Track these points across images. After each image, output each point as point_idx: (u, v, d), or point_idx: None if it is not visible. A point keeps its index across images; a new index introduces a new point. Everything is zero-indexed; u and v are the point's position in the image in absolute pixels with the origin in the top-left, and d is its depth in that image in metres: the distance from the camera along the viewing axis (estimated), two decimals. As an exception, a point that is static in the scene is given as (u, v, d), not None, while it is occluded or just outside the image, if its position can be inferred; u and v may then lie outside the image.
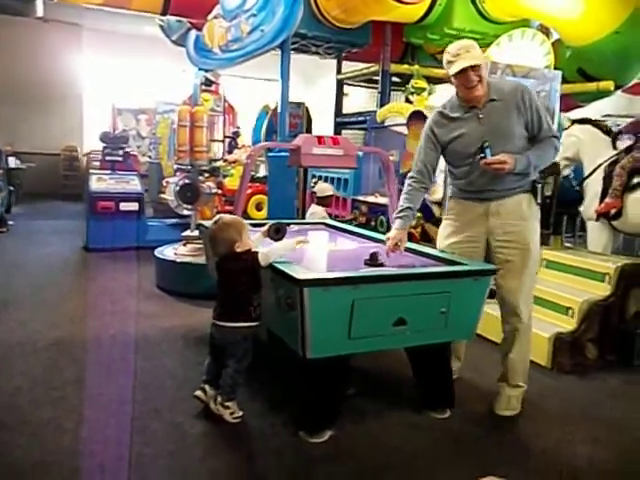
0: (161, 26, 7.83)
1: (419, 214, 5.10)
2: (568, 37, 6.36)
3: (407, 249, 2.95)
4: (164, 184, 7.36)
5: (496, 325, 3.03)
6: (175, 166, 5.78)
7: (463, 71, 2.58)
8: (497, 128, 2.66)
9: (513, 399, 2.84)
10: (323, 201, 4.92)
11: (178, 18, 6.93)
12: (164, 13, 6.49)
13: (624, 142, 4.43)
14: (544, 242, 4.35)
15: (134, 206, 6.66)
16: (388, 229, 3.60)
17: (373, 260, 2.68)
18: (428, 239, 5.10)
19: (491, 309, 3.43)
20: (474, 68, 2.57)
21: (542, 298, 3.75)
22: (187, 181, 5.18)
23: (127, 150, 8.37)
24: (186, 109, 5.18)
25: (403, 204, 2.86)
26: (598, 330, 3.51)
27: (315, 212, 4.82)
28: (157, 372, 3.13)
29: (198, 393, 2.65)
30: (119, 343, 3.57)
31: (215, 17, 5.91)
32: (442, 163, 2.97)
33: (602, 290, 3.60)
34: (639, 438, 2.66)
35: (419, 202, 2.91)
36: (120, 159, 7.87)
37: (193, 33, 6.44)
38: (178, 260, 4.90)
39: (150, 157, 9.99)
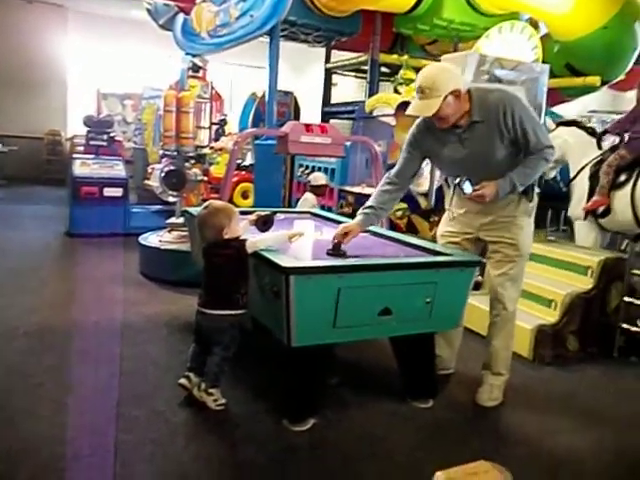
0: (148, 9, 7.69)
1: (404, 205, 5.11)
2: (557, 31, 6.38)
3: (393, 239, 2.97)
4: (149, 170, 7.26)
5: (480, 317, 3.05)
6: (160, 152, 5.70)
7: None
8: (479, 154, 2.62)
9: (495, 388, 2.87)
10: (316, 190, 5.02)
11: (165, 1, 6.82)
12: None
13: (609, 141, 4.47)
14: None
15: (118, 192, 6.57)
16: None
17: (335, 250, 2.66)
18: (414, 230, 5.12)
19: (476, 301, 3.46)
20: (434, 113, 2.51)
21: (526, 290, 3.75)
22: (172, 167, 5.12)
23: (112, 135, 8.23)
24: (172, 94, 5.11)
25: (371, 202, 2.83)
26: (580, 322, 3.56)
27: (307, 199, 4.92)
28: (140, 359, 3.11)
29: (182, 381, 2.63)
30: (101, 330, 3.53)
31: (204, 1, 5.83)
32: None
33: (584, 283, 3.64)
34: (617, 428, 2.71)
35: (390, 205, 2.88)
36: (104, 144, 7.73)
37: (181, 17, 6.35)
38: (162, 247, 4.85)
39: (135, 143, 9.86)
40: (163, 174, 5.10)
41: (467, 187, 2.64)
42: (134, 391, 2.71)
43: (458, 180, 2.69)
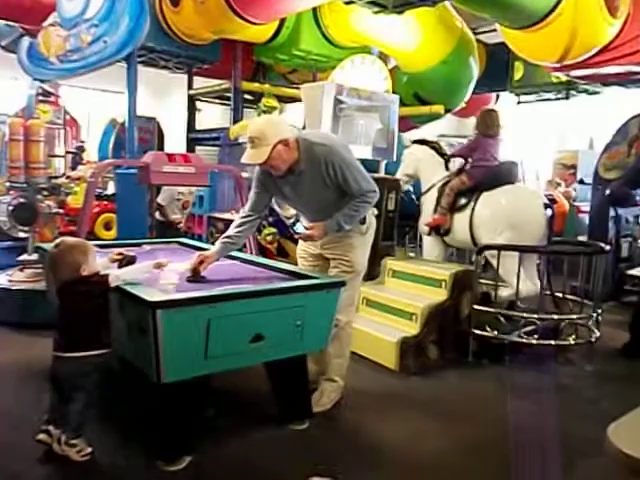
0: (-12, 30, 7.10)
1: (274, 230, 5.19)
2: (403, 64, 6.98)
3: (262, 265, 3.05)
4: (-5, 203, 6.61)
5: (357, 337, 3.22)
6: (7, 184, 5.23)
7: None
8: (309, 197, 2.93)
9: (325, 394, 3.04)
10: None
11: (7, 22, 6.34)
12: (-10, 16, 5.92)
13: (456, 163, 4.93)
14: (389, 253, 4.69)
15: (-42, 228, 5.88)
16: (244, 246, 3.63)
17: (194, 276, 2.78)
18: (285, 254, 5.22)
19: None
20: (262, 162, 2.74)
21: (389, 305, 4.04)
22: (22, 200, 4.72)
23: (-52, 165, 7.38)
24: (18, 122, 4.74)
25: (229, 232, 3.02)
26: (438, 332, 3.86)
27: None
28: (-11, 415, 2.80)
29: (41, 437, 2.38)
30: (-60, 386, 3.13)
31: (52, 25, 5.51)
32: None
33: (440, 295, 3.97)
34: (473, 426, 2.96)
35: (247, 232, 3.09)
36: (-61, 175, 6.90)
37: (26, 40, 5.93)
38: (14, 287, 4.44)
39: (-23, 173, 8.92)
40: (12, 208, 4.68)
41: (298, 228, 2.92)
42: (-17, 452, 2.44)
43: (291, 222, 2.94)
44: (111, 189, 7.67)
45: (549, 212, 4.24)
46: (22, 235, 5.01)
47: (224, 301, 2.37)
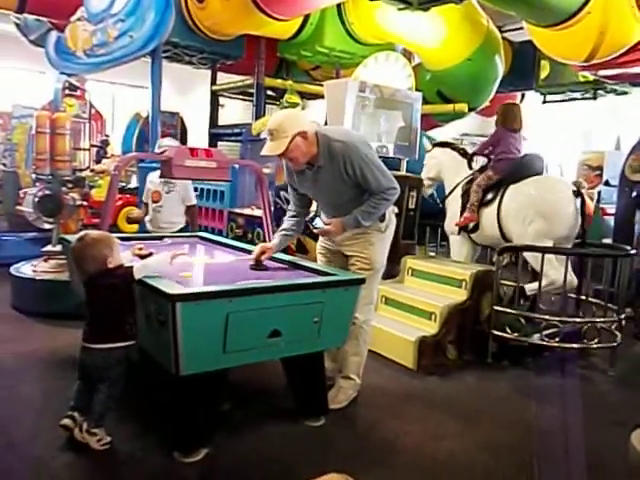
0: (17, 24, 7.22)
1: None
2: (427, 61, 6.92)
3: (282, 261, 3.07)
4: (21, 195, 6.74)
5: (375, 336, 3.21)
6: (33, 176, 5.32)
7: None
8: (328, 193, 2.93)
9: (342, 392, 3.04)
10: None
11: (36, 17, 6.45)
12: (20, 11, 6.01)
13: (478, 162, 4.89)
14: (409, 252, 4.66)
15: (-17, 219, 6.02)
16: (264, 242, 3.63)
17: (257, 265, 2.93)
18: (304, 251, 5.22)
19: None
20: (281, 153, 2.75)
21: (408, 304, 4.01)
22: (48, 192, 4.80)
23: (-24, 157, 7.55)
24: (45, 115, 4.81)
25: (283, 226, 3.12)
26: (457, 332, 3.83)
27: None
28: (13, 402, 2.86)
29: (65, 422, 2.43)
30: (-34, 372, 3.21)
31: (79, 19, 5.59)
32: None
33: (460, 295, 3.93)
34: (491, 429, 2.93)
35: (298, 227, 3.15)
36: (-32, 166, 7.08)
37: (54, 34, 6.02)
38: (38, 277, 4.52)
39: (5, 165, 9.10)
40: (37, 199, 4.77)
41: (317, 223, 3.00)
42: (7, 437, 2.49)
43: (310, 217, 3.04)
44: (134, 183, 7.77)
45: (579, 201, 4.17)
46: (47, 226, 5.10)
47: (242, 296, 2.37)
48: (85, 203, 5.57)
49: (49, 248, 4.79)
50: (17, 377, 3.19)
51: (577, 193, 4.19)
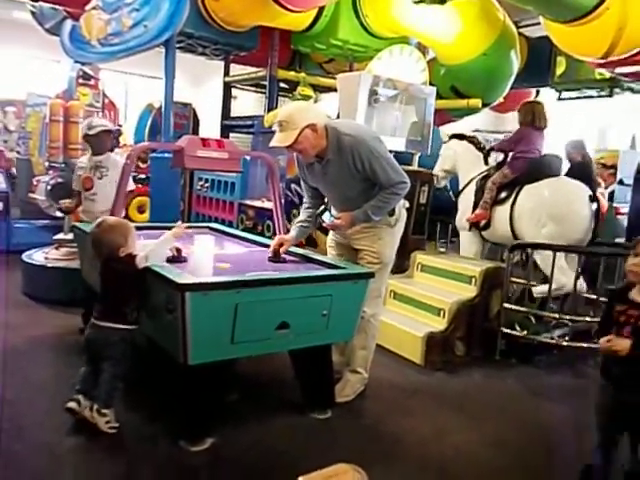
0: (33, 12, 7.24)
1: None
2: (442, 56, 6.85)
3: (293, 253, 3.09)
4: (34, 183, 6.80)
5: (383, 331, 3.20)
6: (47, 163, 5.36)
7: None
8: (337, 187, 2.92)
9: (349, 385, 3.04)
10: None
11: (52, 5, 6.46)
12: (36, -1, 6.03)
13: (494, 159, 4.84)
14: (419, 247, 4.64)
15: (-2, 205, 6.07)
16: (274, 234, 3.64)
17: (275, 256, 2.94)
18: (314, 244, 5.22)
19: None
20: (289, 145, 2.73)
21: (417, 300, 4.00)
22: (60, 180, 4.84)
23: (-9, 144, 7.62)
24: (59, 103, 4.85)
25: (300, 218, 3.16)
26: (465, 329, 3.81)
27: None
28: (23, 387, 2.89)
29: (71, 404, 2.48)
30: (-23, 357, 3.24)
31: (94, 8, 5.59)
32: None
33: (469, 291, 3.91)
34: (499, 425, 2.92)
35: (315, 220, 3.15)
36: (-18, 154, 7.13)
37: (69, 23, 6.03)
38: (49, 265, 4.55)
39: (19, 153, 9.17)
40: (50, 187, 4.80)
41: (326, 217, 3.02)
42: (16, 422, 2.52)
43: (319, 211, 3.04)
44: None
45: (594, 206, 4.12)
46: (59, 214, 5.13)
47: (251, 287, 2.38)
48: (97, 192, 5.58)
49: (61, 236, 4.82)
50: (27, 362, 3.22)
51: (593, 198, 4.14)
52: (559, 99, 9.09)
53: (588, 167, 5.26)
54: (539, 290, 4.05)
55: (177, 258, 2.74)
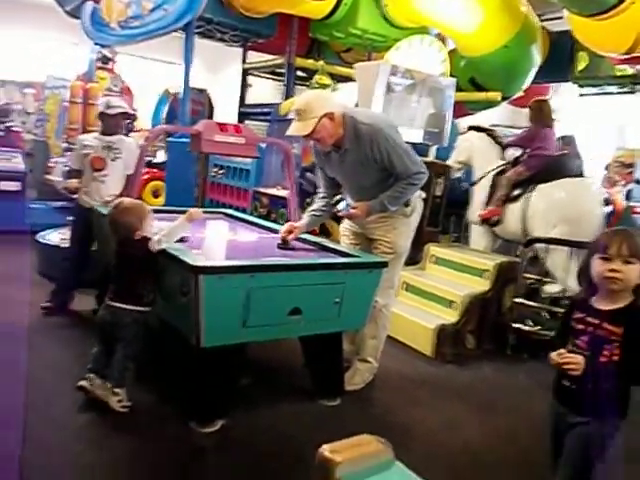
0: (53, -6, 7.26)
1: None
2: (463, 47, 6.76)
3: (307, 241, 3.09)
4: (51, 164, 6.85)
5: (394, 322, 3.20)
6: (64, 145, 5.39)
7: None
8: (354, 176, 2.89)
9: (358, 374, 3.04)
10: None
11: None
12: (57, -19, 6.05)
13: (512, 154, 4.78)
14: (433, 239, 4.62)
15: (16, 186, 6.11)
16: (288, 222, 3.63)
17: (284, 243, 2.93)
18: (327, 233, 5.21)
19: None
20: (307, 134, 2.71)
21: (429, 292, 3.99)
22: (78, 162, 4.86)
23: (8, 125, 7.67)
24: (79, 85, 4.87)
25: (313, 207, 3.13)
26: (477, 322, 3.79)
27: None
28: (36, 364, 2.92)
29: (83, 383, 2.51)
30: (-7, 333, 3.28)
31: (114, -10, 5.60)
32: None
33: (482, 285, 3.89)
34: (509, 419, 2.92)
35: (328, 208, 3.13)
36: (0, 134, 7.19)
37: (90, 5, 6.04)
38: (63, 245, 4.59)
39: (36, 135, 9.24)
40: (67, 168, 4.83)
41: (341, 206, 3.02)
42: (29, 398, 2.54)
43: (335, 200, 3.03)
44: (160, 157, 7.81)
45: (609, 209, 4.07)
46: (74, 196, 5.16)
47: (264, 272, 2.38)
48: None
49: (76, 217, 4.85)
50: (41, 340, 3.26)
51: (607, 201, 4.10)
52: (581, 95, 8.97)
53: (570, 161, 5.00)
54: (548, 290, 4.01)
55: (180, 239, 2.74)
